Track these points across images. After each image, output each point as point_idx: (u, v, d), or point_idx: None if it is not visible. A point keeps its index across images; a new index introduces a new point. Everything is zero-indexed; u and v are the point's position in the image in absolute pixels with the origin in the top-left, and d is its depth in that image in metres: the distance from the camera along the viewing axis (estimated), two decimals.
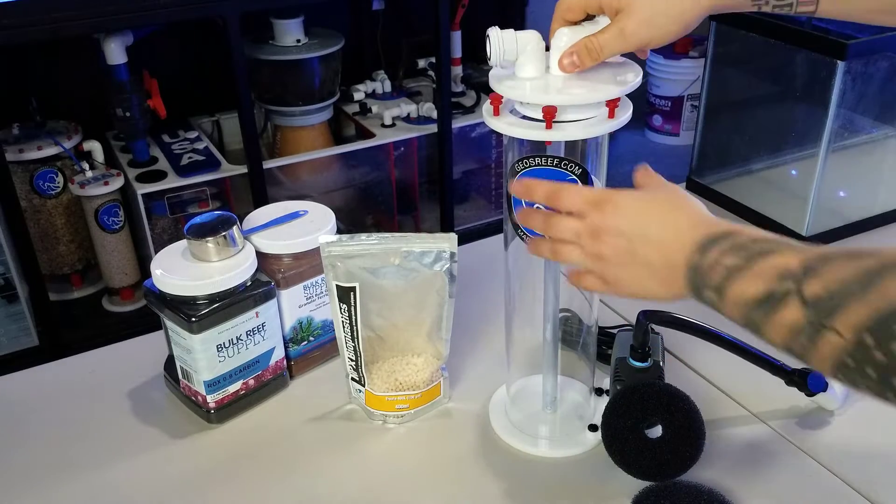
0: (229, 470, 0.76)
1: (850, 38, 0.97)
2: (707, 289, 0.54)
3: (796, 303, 0.48)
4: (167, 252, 0.79)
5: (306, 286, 0.83)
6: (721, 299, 0.53)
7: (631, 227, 0.57)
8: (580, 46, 0.63)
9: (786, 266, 0.49)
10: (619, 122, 0.63)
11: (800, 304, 0.48)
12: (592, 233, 0.59)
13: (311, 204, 0.87)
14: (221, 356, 0.77)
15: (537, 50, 0.64)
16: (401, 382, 0.79)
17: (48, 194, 1.87)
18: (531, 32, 0.64)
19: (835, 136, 1.04)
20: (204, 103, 2.18)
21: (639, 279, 0.58)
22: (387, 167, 2.18)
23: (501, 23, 0.64)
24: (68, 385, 0.87)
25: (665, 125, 3.03)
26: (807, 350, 0.48)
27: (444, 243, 0.75)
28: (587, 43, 0.62)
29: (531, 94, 0.63)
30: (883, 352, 0.43)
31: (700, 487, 0.68)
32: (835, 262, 0.48)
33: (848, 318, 0.45)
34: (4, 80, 1.93)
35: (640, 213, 0.58)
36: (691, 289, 0.55)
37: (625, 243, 0.58)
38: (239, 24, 1.74)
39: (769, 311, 0.50)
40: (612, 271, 0.59)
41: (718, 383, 0.84)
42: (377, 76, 2.32)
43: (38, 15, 1.55)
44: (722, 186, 1.20)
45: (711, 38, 1.18)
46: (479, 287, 0.94)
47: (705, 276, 0.54)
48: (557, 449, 0.77)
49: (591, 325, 0.76)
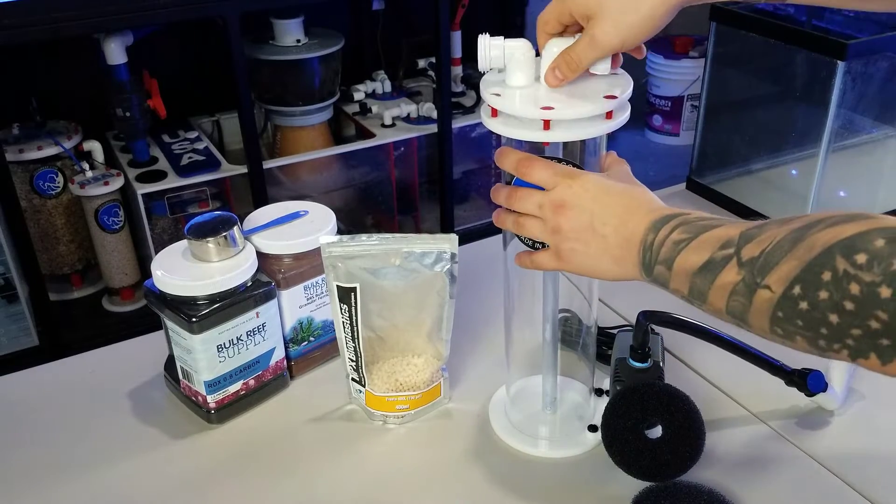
0: (229, 470, 0.76)
1: (850, 38, 0.97)
2: (657, 264, 0.58)
3: (734, 265, 0.52)
4: (167, 252, 0.79)
5: (307, 286, 0.83)
6: (669, 272, 0.57)
7: (593, 204, 0.61)
8: (559, 60, 0.64)
9: (727, 235, 0.54)
10: (616, 123, 0.63)
11: (737, 266, 0.52)
12: (555, 206, 0.61)
13: (312, 204, 0.87)
14: (222, 356, 0.77)
15: (526, 58, 0.64)
16: (401, 383, 0.79)
17: (48, 194, 1.87)
18: (520, 41, 0.64)
19: (835, 136, 1.04)
20: (204, 103, 2.18)
21: (593, 256, 0.61)
22: (387, 167, 2.18)
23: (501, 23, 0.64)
24: (68, 385, 0.87)
25: (665, 125, 3.03)
26: (745, 309, 0.52)
27: (445, 244, 0.75)
28: (564, 56, 0.63)
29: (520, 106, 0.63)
30: (808, 301, 0.47)
31: (700, 487, 0.68)
32: (769, 227, 0.52)
33: (779, 274, 0.49)
34: (4, 80, 1.93)
35: (603, 193, 0.61)
36: (642, 267, 0.59)
37: (586, 219, 0.61)
38: (239, 24, 1.74)
39: (711, 276, 0.54)
40: (568, 245, 0.62)
41: (718, 383, 0.84)
42: (377, 76, 2.32)
43: (38, 15, 1.55)
44: (722, 186, 1.20)
45: (711, 38, 1.18)
46: (479, 287, 0.94)
47: (656, 252, 0.58)
48: (557, 449, 0.77)
49: (590, 326, 0.76)
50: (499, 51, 0.64)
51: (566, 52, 0.63)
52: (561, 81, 0.64)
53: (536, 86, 0.65)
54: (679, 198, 1.23)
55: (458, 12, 2.19)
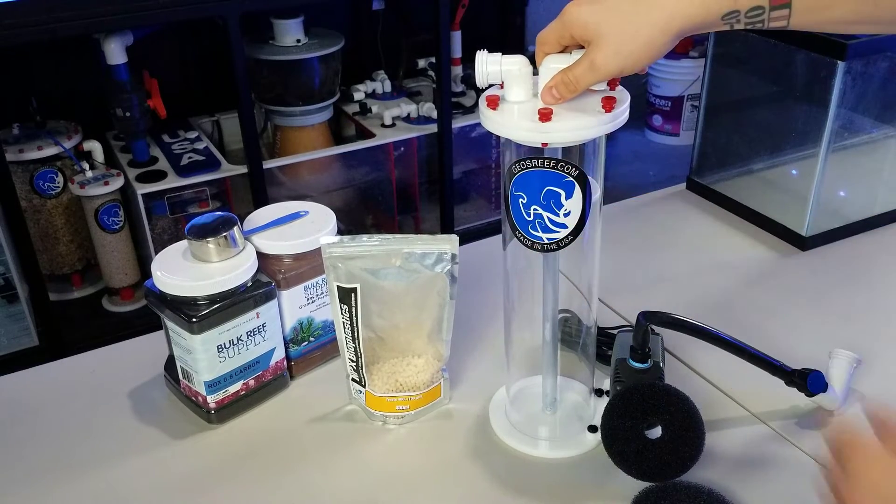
0: (229, 470, 0.76)
1: (850, 38, 0.97)
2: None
3: None
4: (168, 252, 0.79)
5: (307, 287, 0.83)
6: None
7: None
8: (557, 80, 0.64)
9: None
10: (615, 124, 0.63)
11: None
12: None
13: (312, 204, 0.87)
14: (222, 357, 0.77)
15: (523, 74, 0.65)
16: (401, 383, 0.80)
17: (48, 194, 1.87)
18: (517, 57, 0.64)
19: (835, 136, 1.04)
20: (204, 103, 2.18)
21: None
22: (387, 167, 2.18)
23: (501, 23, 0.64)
24: (68, 385, 0.87)
25: (665, 125, 3.03)
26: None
27: (445, 245, 0.75)
28: (563, 77, 0.64)
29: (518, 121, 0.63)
30: None
31: (700, 487, 0.68)
32: None
33: None
34: (4, 80, 1.93)
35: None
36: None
37: None
38: (239, 24, 1.74)
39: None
40: None
41: (718, 383, 0.84)
42: (377, 76, 2.32)
43: (38, 15, 1.56)
44: (722, 186, 1.20)
45: (711, 38, 1.18)
46: (479, 287, 0.94)
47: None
48: (557, 450, 0.77)
49: (590, 326, 0.76)
50: (496, 67, 0.64)
51: (565, 73, 0.63)
52: (558, 101, 0.64)
53: (535, 101, 0.65)
54: (679, 198, 1.23)
55: (458, 12, 2.20)
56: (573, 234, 0.66)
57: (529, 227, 0.67)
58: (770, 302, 0.98)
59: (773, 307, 0.97)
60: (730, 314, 0.94)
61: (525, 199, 0.66)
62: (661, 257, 1.08)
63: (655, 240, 1.13)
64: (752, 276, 1.04)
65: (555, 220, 0.66)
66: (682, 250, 1.10)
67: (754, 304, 0.98)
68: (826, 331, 0.92)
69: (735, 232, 1.13)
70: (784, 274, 1.04)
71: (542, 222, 0.66)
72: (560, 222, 0.66)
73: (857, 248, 1.09)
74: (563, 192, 0.65)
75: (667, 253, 1.09)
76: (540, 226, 0.66)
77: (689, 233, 1.15)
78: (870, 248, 1.09)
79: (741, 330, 0.79)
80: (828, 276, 1.03)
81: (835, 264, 1.05)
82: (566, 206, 0.65)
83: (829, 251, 1.08)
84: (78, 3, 1.59)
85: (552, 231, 0.66)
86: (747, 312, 0.95)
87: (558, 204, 0.65)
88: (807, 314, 0.95)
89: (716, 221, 1.16)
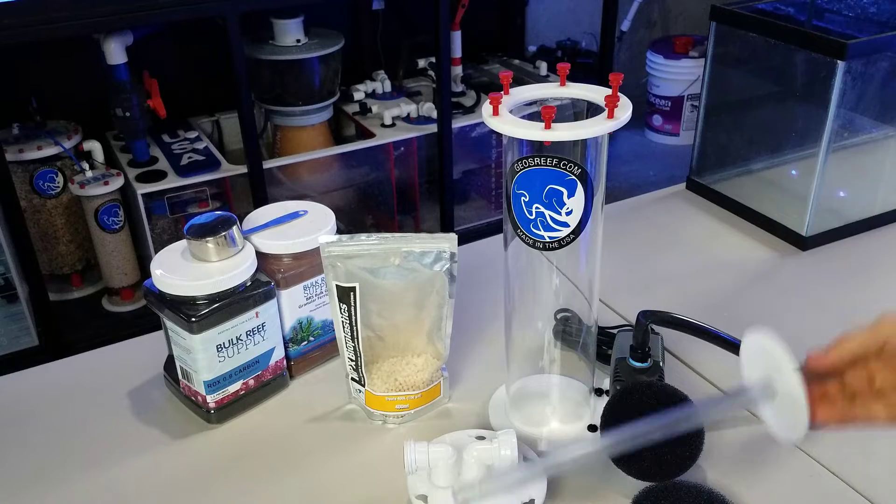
0: (229, 470, 0.76)
1: (850, 38, 0.97)
2: None
3: None
4: (167, 252, 0.79)
5: (306, 286, 0.83)
6: None
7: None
8: None
9: None
10: (617, 123, 0.63)
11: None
12: None
13: (311, 204, 0.87)
14: (221, 356, 0.77)
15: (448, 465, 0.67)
16: (401, 382, 0.79)
17: (48, 194, 1.87)
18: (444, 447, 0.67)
19: (835, 136, 1.04)
20: (204, 103, 2.18)
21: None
22: (387, 167, 2.18)
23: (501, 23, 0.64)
24: (68, 385, 0.87)
25: (665, 125, 3.03)
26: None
27: (445, 243, 0.75)
28: None
29: None
30: None
31: (700, 487, 0.68)
32: None
33: None
34: (4, 80, 1.93)
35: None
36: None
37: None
38: (239, 24, 1.74)
39: None
40: None
41: (718, 383, 0.84)
42: (377, 76, 2.32)
43: (38, 15, 1.56)
44: (722, 186, 1.20)
45: (711, 38, 1.18)
46: (479, 287, 0.94)
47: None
48: (557, 449, 0.77)
49: (590, 326, 0.76)
50: (423, 455, 0.67)
51: None
52: None
53: None
54: (679, 198, 1.23)
55: (458, 12, 2.20)
56: (575, 232, 0.66)
57: (531, 225, 0.67)
58: (770, 302, 0.98)
59: (773, 307, 0.97)
60: (730, 314, 0.94)
61: (527, 198, 0.66)
62: (661, 257, 1.08)
63: (655, 240, 1.13)
64: (752, 276, 1.04)
65: (556, 219, 0.66)
66: (682, 250, 1.10)
67: (754, 304, 0.98)
68: (826, 331, 0.92)
69: (735, 232, 1.13)
70: (784, 274, 1.04)
71: (544, 220, 0.66)
72: (562, 220, 0.66)
73: (857, 248, 1.08)
74: (566, 190, 0.65)
75: (667, 253, 1.09)
76: (542, 224, 0.66)
77: (689, 233, 1.15)
78: (870, 248, 1.09)
79: (741, 330, 0.78)
80: (828, 276, 1.03)
81: (835, 264, 1.05)
82: (568, 204, 0.66)
83: (829, 251, 1.08)
84: (78, 3, 1.59)
85: (554, 229, 0.66)
86: (747, 312, 0.95)
87: (560, 202, 0.65)
88: (807, 314, 0.95)
89: (716, 221, 1.16)
